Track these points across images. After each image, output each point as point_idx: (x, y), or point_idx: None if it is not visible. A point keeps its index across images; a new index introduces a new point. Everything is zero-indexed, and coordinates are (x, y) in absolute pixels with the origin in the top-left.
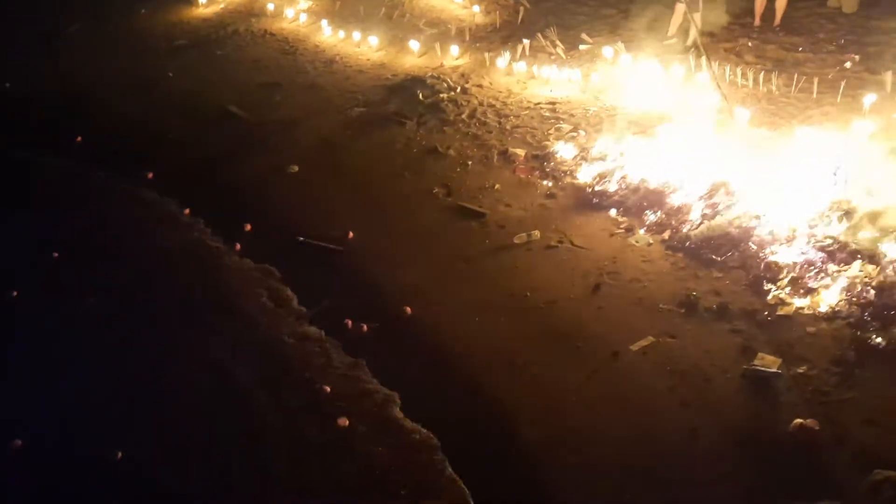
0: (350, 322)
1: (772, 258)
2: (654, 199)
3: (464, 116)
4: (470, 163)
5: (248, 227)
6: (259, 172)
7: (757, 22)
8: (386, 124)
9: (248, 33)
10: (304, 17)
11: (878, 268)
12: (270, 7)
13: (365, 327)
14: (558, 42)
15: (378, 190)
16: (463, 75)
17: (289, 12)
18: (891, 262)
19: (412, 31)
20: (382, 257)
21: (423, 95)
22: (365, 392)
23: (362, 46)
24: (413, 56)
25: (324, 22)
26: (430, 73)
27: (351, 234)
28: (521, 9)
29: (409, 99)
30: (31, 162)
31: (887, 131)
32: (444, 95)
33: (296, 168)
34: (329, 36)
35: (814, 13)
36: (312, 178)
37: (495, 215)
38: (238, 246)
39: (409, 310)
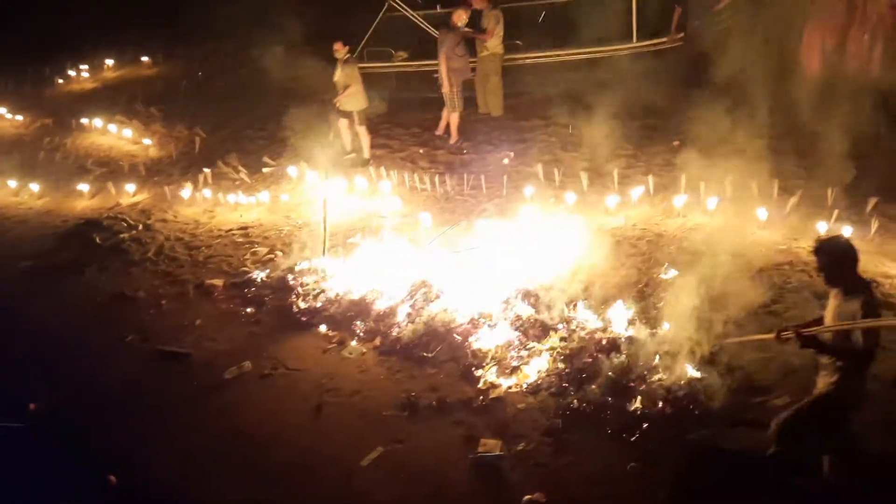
0: None
1: (476, 345)
2: (361, 308)
3: (150, 255)
4: (164, 302)
5: None
6: None
7: (440, 132)
8: (61, 276)
9: None
10: None
11: (566, 336)
12: None
13: None
14: (241, 167)
15: (62, 351)
16: (144, 212)
17: None
18: (574, 330)
19: (79, 172)
20: (75, 424)
21: (100, 239)
22: None
23: (21, 195)
24: (84, 198)
25: None
26: (106, 215)
27: (33, 406)
28: (197, 138)
29: (85, 244)
30: None
31: (545, 210)
32: (125, 235)
33: None
34: None
35: (470, 119)
36: None
37: (201, 353)
38: None
39: (113, 479)
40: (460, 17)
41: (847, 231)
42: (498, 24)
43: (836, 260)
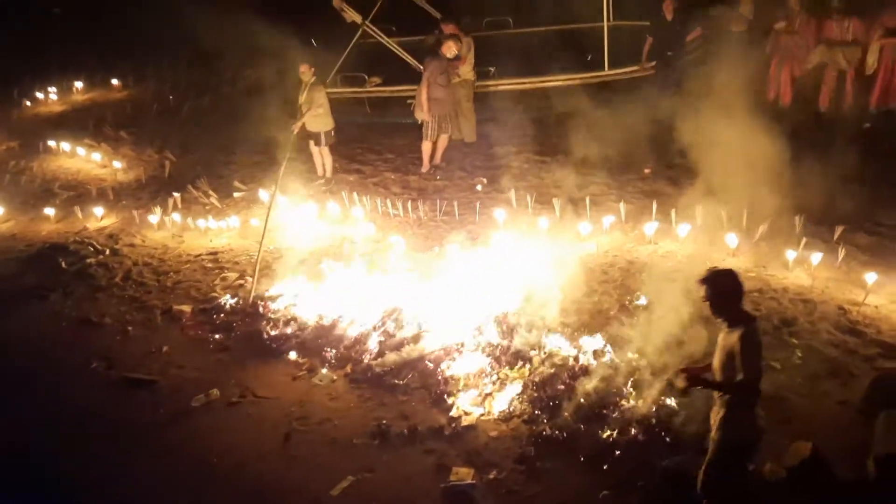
0: None
1: (448, 372)
2: (332, 335)
3: (118, 280)
4: (131, 328)
5: None
6: None
7: (426, 166)
8: (24, 301)
9: None
10: None
11: (538, 363)
12: None
13: None
14: (211, 192)
15: (24, 378)
16: (111, 236)
17: None
18: (547, 357)
19: (46, 195)
20: (37, 453)
21: (66, 263)
22: None
23: None
24: (50, 222)
25: None
26: (72, 239)
27: None
28: (167, 162)
29: (50, 269)
30: None
31: (520, 239)
32: (92, 260)
33: None
34: None
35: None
36: None
37: (167, 380)
38: None
39: None
40: (450, 49)
41: (815, 258)
42: (469, 51)
43: (720, 292)
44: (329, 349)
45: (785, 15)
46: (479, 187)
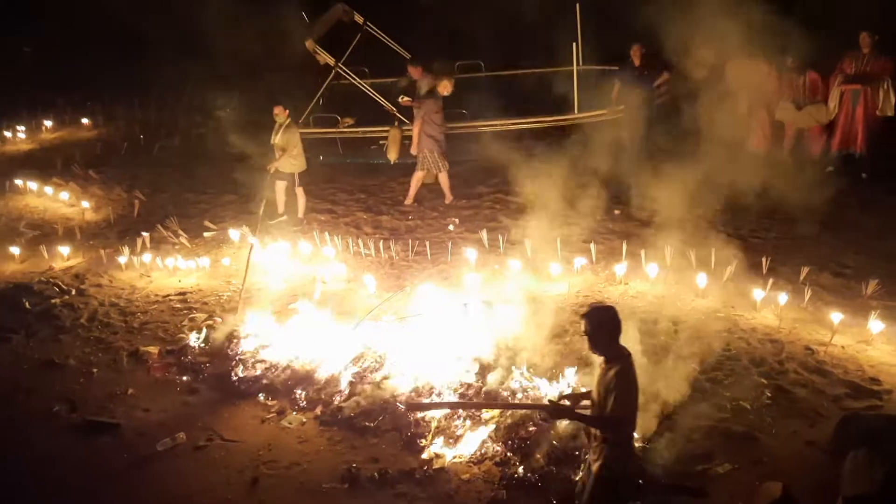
0: None
1: (420, 414)
2: (302, 376)
3: (83, 320)
4: (95, 370)
5: None
6: None
7: (410, 198)
8: None
9: None
10: None
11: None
12: None
13: None
14: (181, 231)
15: None
16: (78, 276)
17: None
18: (519, 398)
19: (10, 234)
20: None
21: (30, 304)
22: None
23: None
24: (14, 262)
25: None
26: (37, 279)
27: None
28: (137, 202)
29: (13, 309)
30: None
31: (492, 279)
32: (57, 300)
33: None
34: None
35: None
36: None
37: (132, 423)
38: None
39: None
40: (446, 88)
41: (782, 299)
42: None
43: (597, 328)
44: (299, 391)
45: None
46: (451, 227)
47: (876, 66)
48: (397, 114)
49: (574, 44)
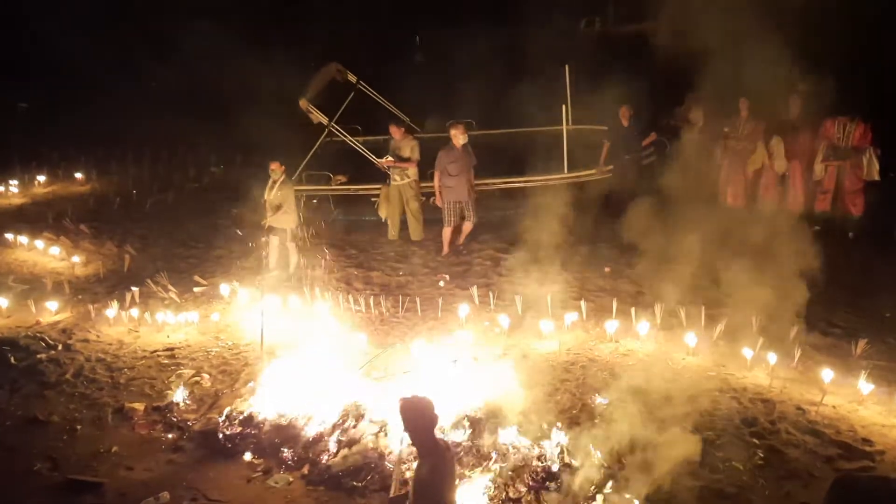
0: None
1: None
2: (289, 433)
3: (68, 376)
4: (79, 427)
5: None
6: None
7: (445, 249)
8: None
9: None
10: None
11: (501, 464)
12: None
13: None
14: (170, 286)
15: None
16: (65, 331)
17: None
18: (509, 458)
19: None
20: None
21: (15, 359)
22: None
23: None
24: (1, 316)
25: None
26: (24, 333)
27: None
28: (127, 256)
29: None
30: None
31: (484, 336)
32: (43, 355)
33: None
34: None
35: (407, 242)
36: None
37: (115, 483)
38: None
39: None
40: (456, 137)
41: (772, 358)
42: (414, 152)
43: (406, 420)
44: (286, 449)
45: (731, 121)
46: (441, 283)
47: (858, 139)
48: (389, 171)
49: (564, 105)
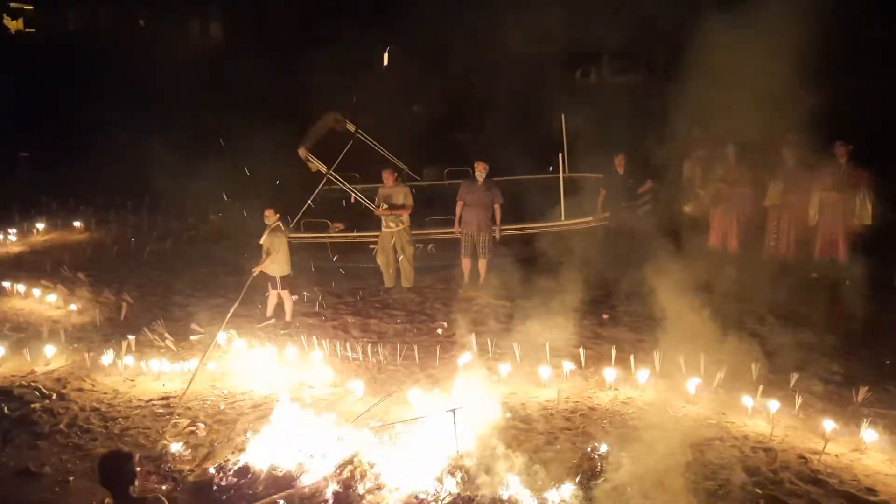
0: None
1: None
2: (286, 484)
3: (62, 426)
4: (72, 479)
5: None
6: None
7: (465, 280)
8: None
9: None
10: None
11: None
12: None
13: None
14: (167, 335)
15: None
16: (59, 380)
17: None
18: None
19: None
20: None
21: (9, 409)
22: None
23: None
24: None
25: None
26: (18, 383)
27: None
28: (124, 304)
29: None
30: None
31: (481, 385)
32: (37, 405)
33: None
34: None
35: (402, 290)
36: None
37: None
38: None
39: None
40: (478, 169)
41: (773, 406)
42: (407, 198)
43: (103, 474)
44: (281, 502)
45: (723, 167)
46: (439, 331)
47: (853, 177)
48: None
49: (560, 153)
